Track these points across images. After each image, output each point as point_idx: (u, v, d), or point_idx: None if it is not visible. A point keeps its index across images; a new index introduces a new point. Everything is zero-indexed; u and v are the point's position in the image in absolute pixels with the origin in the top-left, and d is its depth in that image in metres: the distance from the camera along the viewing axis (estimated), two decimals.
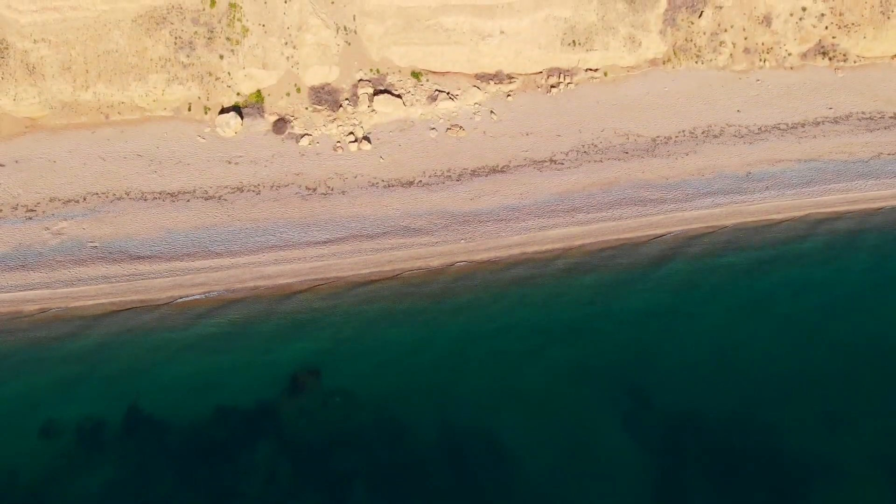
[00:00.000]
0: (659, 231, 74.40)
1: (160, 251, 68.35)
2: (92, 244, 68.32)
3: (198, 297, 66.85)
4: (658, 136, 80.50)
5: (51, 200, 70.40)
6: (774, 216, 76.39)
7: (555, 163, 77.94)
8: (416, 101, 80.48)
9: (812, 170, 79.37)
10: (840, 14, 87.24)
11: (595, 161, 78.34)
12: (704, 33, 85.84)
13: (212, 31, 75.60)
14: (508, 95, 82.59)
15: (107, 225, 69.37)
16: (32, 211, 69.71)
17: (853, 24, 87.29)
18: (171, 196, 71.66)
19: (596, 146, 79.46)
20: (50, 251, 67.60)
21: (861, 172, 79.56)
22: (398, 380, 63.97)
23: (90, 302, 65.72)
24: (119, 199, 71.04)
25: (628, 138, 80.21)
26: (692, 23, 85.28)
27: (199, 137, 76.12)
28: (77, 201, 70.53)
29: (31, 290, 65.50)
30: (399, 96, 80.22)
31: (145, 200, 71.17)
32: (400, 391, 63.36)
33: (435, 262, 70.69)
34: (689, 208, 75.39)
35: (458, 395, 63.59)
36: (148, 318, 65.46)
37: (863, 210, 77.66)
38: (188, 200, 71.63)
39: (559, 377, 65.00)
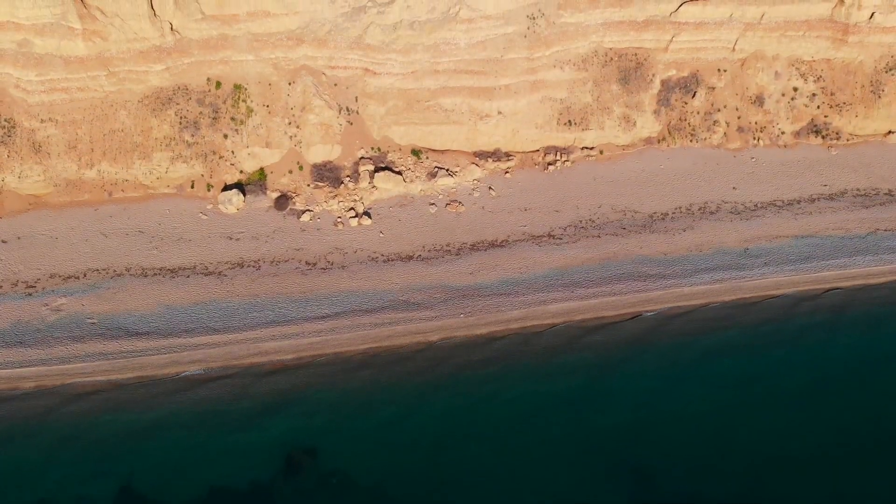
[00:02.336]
0: (658, 306, 74.31)
1: (158, 327, 68.17)
2: (90, 320, 68.23)
3: (194, 373, 66.33)
4: (655, 213, 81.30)
5: (51, 277, 70.66)
6: (773, 291, 76.43)
7: (553, 238, 78.50)
8: (416, 177, 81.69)
9: (809, 246, 79.81)
10: (831, 94, 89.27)
11: (593, 236, 78.91)
12: (698, 113, 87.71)
13: (217, 112, 77.34)
14: (506, 172, 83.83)
15: (106, 301, 69.42)
16: (32, 287, 69.89)
17: (845, 103, 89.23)
18: (171, 272, 71.94)
19: (593, 222, 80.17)
20: (48, 327, 67.47)
21: (858, 248, 79.95)
22: (396, 458, 62.82)
23: (86, 379, 65.21)
24: (119, 275, 71.32)
25: (625, 214, 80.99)
26: (686, 103, 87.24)
27: (201, 214, 76.93)
28: (77, 277, 70.77)
29: (28, 366, 65.12)
30: (399, 173, 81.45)
31: (145, 276, 71.42)
32: (398, 470, 62.14)
33: (434, 337, 70.42)
34: (688, 284, 75.53)
35: (457, 473, 62.32)
36: (143, 395, 64.77)
37: (862, 285, 77.79)
38: (188, 276, 71.86)
39: (560, 455, 63.87)
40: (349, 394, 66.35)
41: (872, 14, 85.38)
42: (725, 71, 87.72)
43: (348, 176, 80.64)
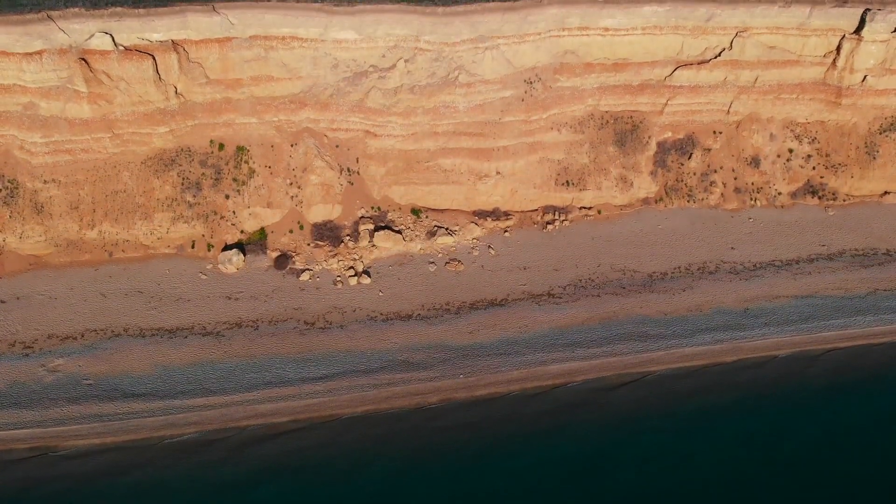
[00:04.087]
0: (659, 367, 73.77)
1: (155, 389, 67.56)
2: (87, 381, 67.68)
3: (188, 436, 65.43)
4: (654, 272, 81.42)
5: (48, 337, 70.40)
6: (775, 352, 76.00)
7: (553, 297, 78.44)
8: (416, 236, 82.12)
9: (809, 306, 79.67)
10: (826, 155, 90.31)
11: (593, 296, 78.88)
12: (695, 174, 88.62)
13: (219, 173, 78.19)
14: (506, 231, 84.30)
15: (103, 362, 68.97)
16: (30, 348, 69.56)
17: (840, 164, 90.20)
18: (169, 332, 71.66)
19: (593, 281, 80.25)
20: (44, 388, 66.89)
21: (859, 308, 79.80)
22: None
23: (81, 441, 64.33)
24: (117, 335, 71.04)
25: (624, 274, 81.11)
26: (682, 164, 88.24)
27: (200, 274, 77.04)
28: (75, 338, 70.50)
29: (22, 428, 64.30)
30: (399, 232, 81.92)
31: (143, 337, 71.14)
32: None
33: (433, 398, 69.65)
34: (688, 344, 75.13)
35: None
36: (135, 460, 63.64)
37: (862, 346, 77.33)
38: (186, 337, 71.57)
39: None
40: (346, 458, 65.16)
41: (865, 77, 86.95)
42: (721, 133, 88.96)
43: (348, 235, 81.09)
